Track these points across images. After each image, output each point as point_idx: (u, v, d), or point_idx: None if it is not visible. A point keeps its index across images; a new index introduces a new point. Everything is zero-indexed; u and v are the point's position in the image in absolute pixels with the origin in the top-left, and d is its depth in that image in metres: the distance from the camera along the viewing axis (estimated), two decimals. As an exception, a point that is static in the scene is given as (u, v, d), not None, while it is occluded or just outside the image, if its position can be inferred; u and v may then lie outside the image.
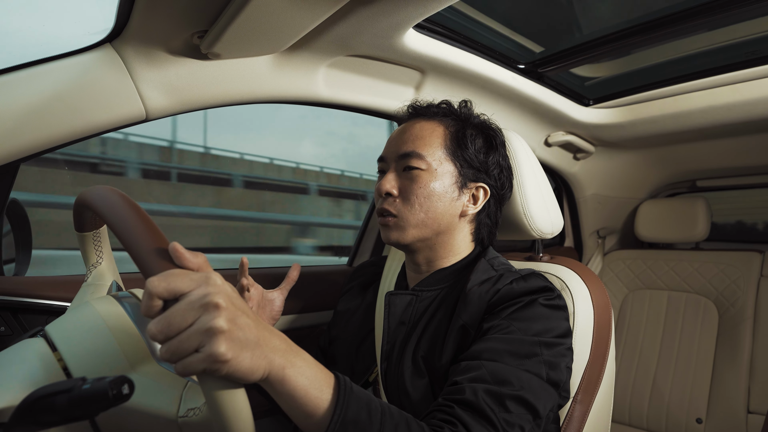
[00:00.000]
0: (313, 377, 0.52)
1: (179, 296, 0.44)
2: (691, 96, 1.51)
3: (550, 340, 0.76)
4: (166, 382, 0.56)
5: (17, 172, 0.96)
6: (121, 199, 0.55)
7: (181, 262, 0.47)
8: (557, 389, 0.76)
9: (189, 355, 0.43)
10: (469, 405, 0.67)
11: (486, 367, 0.71)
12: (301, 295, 1.40)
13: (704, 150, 1.89)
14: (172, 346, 0.43)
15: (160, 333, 0.43)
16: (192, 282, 0.45)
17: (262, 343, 0.47)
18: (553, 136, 1.73)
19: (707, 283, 1.92)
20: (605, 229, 2.28)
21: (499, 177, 0.94)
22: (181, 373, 0.44)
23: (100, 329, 0.58)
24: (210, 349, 0.43)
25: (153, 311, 0.44)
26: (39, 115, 0.85)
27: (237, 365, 0.44)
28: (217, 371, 0.44)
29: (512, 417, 0.68)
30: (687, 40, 1.31)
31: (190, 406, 0.52)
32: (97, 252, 0.73)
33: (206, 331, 0.43)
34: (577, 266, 1.04)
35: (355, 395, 0.56)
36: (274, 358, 0.48)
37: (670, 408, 1.82)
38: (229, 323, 0.44)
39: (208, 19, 0.86)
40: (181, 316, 0.43)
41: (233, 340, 0.44)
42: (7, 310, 0.94)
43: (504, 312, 0.78)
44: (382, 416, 0.57)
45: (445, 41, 1.15)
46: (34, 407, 0.41)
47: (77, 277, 1.06)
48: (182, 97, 0.97)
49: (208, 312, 0.44)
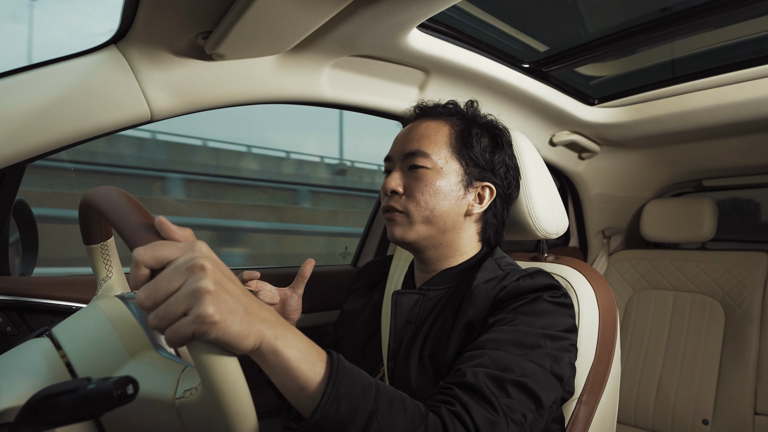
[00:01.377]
0: (305, 350, 0.52)
1: (166, 264, 0.45)
2: (697, 95, 1.50)
3: (554, 333, 0.76)
4: (163, 368, 0.56)
5: (24, 173, 0.97)
6: (112, 190, 0.56)
7: (167, 234, 0.48)
8: (561, 384, 0.76)
9: (177, 320, 0.43)
10: (469, 387, 0.66)
11: (489, 355, 0.70)
12: (307, 296, 1.39)
13: (710, 149, 1.88)
14: (160, 312, 0.43)
15: (148, 299, 0.44)
16: (178, 249, 0.46)
17: (251, 312, 0.48)
18: (557, 136, 1.72)
19: (713, 284, 1.91)
20: (610, 229, 2.27)
21: (505, 176, 0.93)
22: (171, 340, 0.44)
23: (101, 324, 0.59)
24: (197, 310, 0.43)
25: (140, 280, 0.45)
26: (45, 116, 0.85)
27: (226, 328, 0.44)
28: (205, 334, 0.44)
29: (514, 403, 0.67)
30: (693, 38, 1.30)
31: (187, 387, 0.52)
32: (106, 266, 0.74)
33: (193, 292, 0.43)
34: (582, 266, 1.03)
35: (348, 369, 0.56)
36: (264, 328, 0.48)
37: (676, 409, 1.81)
38: (216, 285, 0.44)
39: (212, 20, 0.86)
40: (168, 280, 0.44)
41: (220, 302, 0.44)
42: (13, 310, 0.95)
43: (509, 307, 0.78)
44: (377, 391, 0.57)
45: (449, 41, 1.15)
46: (40, 407, 0.41)
47: (83, 277, 1.07)
48: (187, 97, 0.98)
49: (194, 274, 0.44)
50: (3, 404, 0.48)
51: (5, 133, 0.83)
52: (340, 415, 0.53)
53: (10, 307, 0.94)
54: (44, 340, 0.60)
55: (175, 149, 6.13)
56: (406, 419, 0.57)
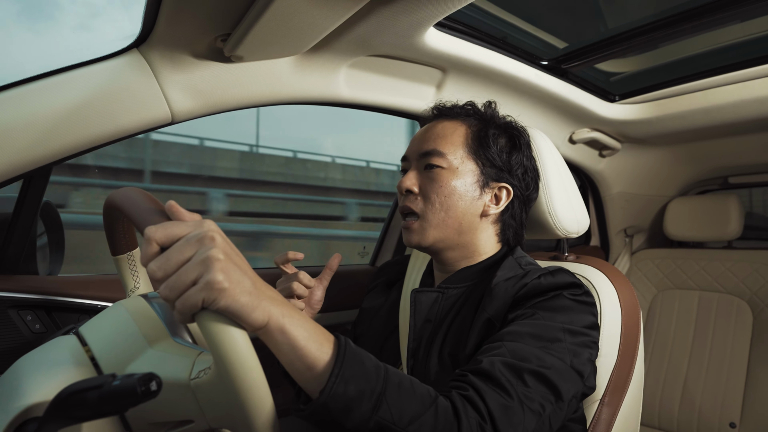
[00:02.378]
0: (312, 331, 0.53)
1: (176, 241, 0.47)
2: (722, 90, 1.46)
3: (574, 328, 0.74)
4: (180, 353, 0.57)
5: (50, 174, 1.00)
6: (129, 188, 0.59)
7: (177, 217, 0.50)
8: (581, 379, 0.74)
9: (187, 289, 0.45)
10: (483, 373, 0.65)
11: (507, 347, 0.69)
12: (326, 295, 1.40)
13: (736, 145, 1.83)
14: (170, 282, 0.45)
15: (159, 269, 0.45)
16: (188, 227, 0.48)
17: (259, 288, 0.49)
18: (577, 134, 1.69)
19: (740, 283, 1.86)
20: (633, 227, 2.23)
21: (523, 177, 0.92)
22: (181, 311, 0.45)
23: (124, 319, 0.60)
24: (207, 277, 0.44)
25: (151, 256, 0.47)
26: (70, 119, 0.87)
27: (234, 297, 0.45)
28: (214, 301, 0.45)
29: (531, 392, 0.65)
30: (717, 31, 1.26)
31: (201, 368, 0.53)
32: (134, 276, 0.76)
33: (203, 260, 0.45)
34: (603, 266, 1.02)
35: (356, 351, 0.56)
36: (272, 306, 0.49)
37: (702, 412, 1.76)
38: (225, 255, 0.46)
39: (230, 22, 0.87)
40: (179, 251, 0.46)
41: (229, 271, 0.46)
42: (42, 309, 0.97)
43: (529, 303, 0.77)
44: (386, 373, 0.57)
45: (467, 39, 1.14)
46: (67, 402, 0.42)
47: (108, 276, 1.09)
48: (206, 99, 0.99)
49: (204, 245, 0.46)
50: (32, 399, 0.50)
51: (33, 137, 0.85)
52: (348, 395, 0.52)
53: (38, 306, 0.97)
54: (71, 337, 0.61)
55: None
56: (416, 401, 0.57)
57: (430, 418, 0.56)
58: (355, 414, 0.52)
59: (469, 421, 0.58)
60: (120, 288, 0.84)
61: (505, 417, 0.61)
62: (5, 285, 0.94)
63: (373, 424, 0.53)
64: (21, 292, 0.95)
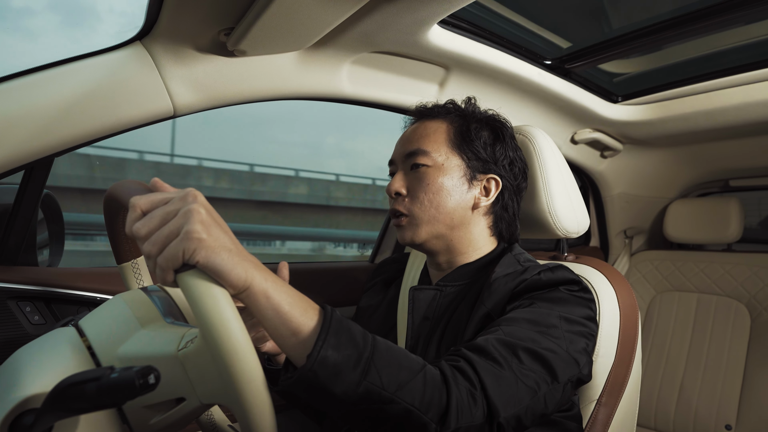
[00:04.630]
0: (296, 297, 0.53)
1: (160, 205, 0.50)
2: (725, 92, 1.46)
3: (572, 317, 0.75)
4: (170, 331, 0.57)
5: (51, 166, 0.99)
6: (125, 180, 0.60)
7: (162, 190, 0.53)
8: (577, 366, 0.73)
9: (169, 243, 0.47)
10: (476, 348, 0.65)
11: (503, 329, 0.69)
12: (323, 292, 1.41)
13: (738, 148, 1.83)
14: (153, 237, 0.47)
15: (144, 226, 0.48)
16: (170, 194, 0.50)
17: (240, 251, 0.50)
18: (579, 134, 1.69)
19: (739, 286, 1.86)
20: (632, 228, 2.23)
21: (510, 168, 0.93)
22: (163, 266, 0.46)
23: (120, 307, 0.60)
24: (186, 227, 0.46)
25: (134, 220, 0.49)
26: (72, 111, 0.87)
27: (214, 249, 0.47)
28: (194, 252, 0.46)
29: (525, 369, 0.64)
30: (722, 34, 1.26)
31: (189, 339, 0.53)
32: (138, 284, 0.76)
33: (184, 213, 0.47)
34: (603, 266, 1.02)
35: (342, 318, 0.56)
36: (253, 270, 0.49)
37: (698, 413, 1.77)
38: (207, 210, 0.48)
39: (234, 16, 0.87)
40: (163, 210, 0.48)
41: (209, 225, 0.48)
42: (41, 300, 0.97)
43: (527, 295, 0.77)
44: (373, 339, 0.57)
45: (470, 37, 1.14)
46: (65, 394, 0.42)
47: (108, 269, 1.09)
48: (209, 93, 0.99)
49: (187, 203, 0.48)
50: (29, 391, 0.50)
51: (34, 128, 0.85)
52: (336, 359, 0.51)
53: (38, 297, 0.97)
54: (70, 329, 0.61)
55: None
56: (405, 368, 0.56)
57: (418, 383, 0.56)
58: (343, 379, 0.52)
59: (459, 387, 0.58)
60: (120, 281, 0.84)
61: (496, 385, 0.61)
62: (5, 276, 0.94)
63: (362, 389, 0.53)
64: (20, 283, 0.95)
